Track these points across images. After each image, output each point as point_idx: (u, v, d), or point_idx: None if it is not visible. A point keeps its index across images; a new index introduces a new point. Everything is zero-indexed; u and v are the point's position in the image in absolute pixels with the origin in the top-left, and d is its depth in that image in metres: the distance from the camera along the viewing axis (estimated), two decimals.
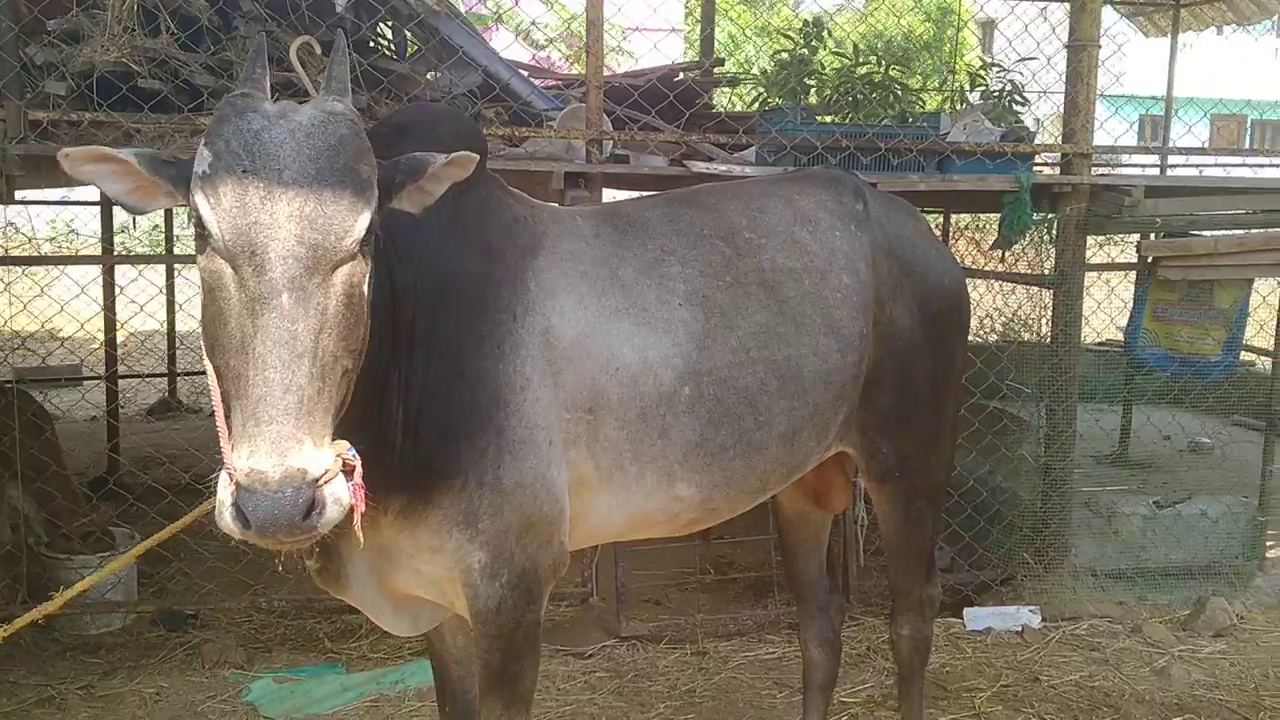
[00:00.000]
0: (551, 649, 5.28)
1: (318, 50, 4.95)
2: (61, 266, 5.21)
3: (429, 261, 2.55)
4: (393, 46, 6.07)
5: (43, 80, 4.69)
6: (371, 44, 5.12)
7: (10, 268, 5.14)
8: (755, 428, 2.93)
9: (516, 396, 2.61)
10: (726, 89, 9.06)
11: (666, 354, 2.81)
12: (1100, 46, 5.49)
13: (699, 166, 5.25)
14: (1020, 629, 5.54)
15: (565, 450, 2.70)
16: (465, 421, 2.55)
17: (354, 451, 1.99)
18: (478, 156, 2.27)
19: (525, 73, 7.05)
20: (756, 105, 7.13)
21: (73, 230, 8.08)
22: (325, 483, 1.87)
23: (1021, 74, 6.42)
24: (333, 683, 4.86)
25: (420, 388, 2.51)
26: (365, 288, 2.04)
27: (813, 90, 6.32)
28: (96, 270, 6.01)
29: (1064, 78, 5.57)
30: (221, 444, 1.96)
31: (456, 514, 2.56)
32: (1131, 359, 6.09)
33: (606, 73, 7.86)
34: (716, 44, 9.18)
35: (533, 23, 12.27)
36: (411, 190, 2.22)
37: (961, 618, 5.65)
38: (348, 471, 1.97)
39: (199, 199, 1.95)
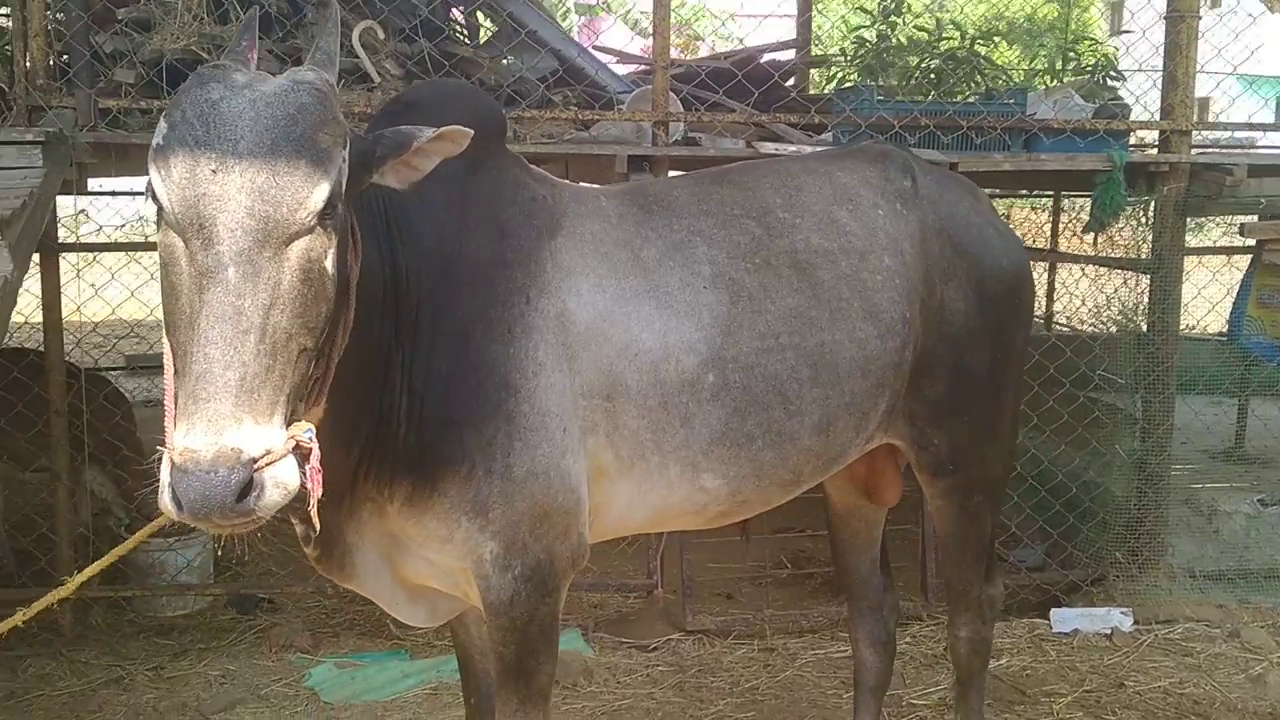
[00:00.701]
0: (615, 641, 5.20)
1: (381, 35, 4.95)
2: (132, 253, 5.29)
3: (435, 242, 2.47)
4: (465, 31, 6.03)
5: (112, 69, 4.75)
6: (442, 28, 5.07)
7: (83, 254, 5.21)
8: (785, 417, 2.78)
9: (528, 382, 2.50)
10: (822, 70, 8.85)
11: (689, 339, 2.68)
12: (1200, 18, 5.17)
13: (768, 148, 5.09)
14: (1109, 632, 5.26)
15: (583, 439, 2.60)
16: (471, 407, 2.46)
17: (310, 434, 1.91)
18: (470, 131, 2.16)
19: (609, 57, 6.96)
20: (836, 85, 6.91)
21: (142, 218, 8.25)
22: (266, 464, 1.78)
23: (1118, 49, 6.09)
24: (394, 669, 4.84)
25: (424, 372, 2.43)
26: (328, 263, 1.95)
27: (894, 69, 6.09)
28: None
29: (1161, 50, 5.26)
30: (166, 423, 1.91)
31: (464, 502, 2.47)
32: (1236, 349, 5.74)
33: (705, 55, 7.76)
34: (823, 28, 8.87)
35: (642, 12, 12.25)
36: (395, 165, 2.13)
37: (1048, 619, 5.40)
38: (303, 455, 1.89)
39: (151, 170, 1.89)
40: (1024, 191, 7.75)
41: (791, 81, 7.51)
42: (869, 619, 3.59)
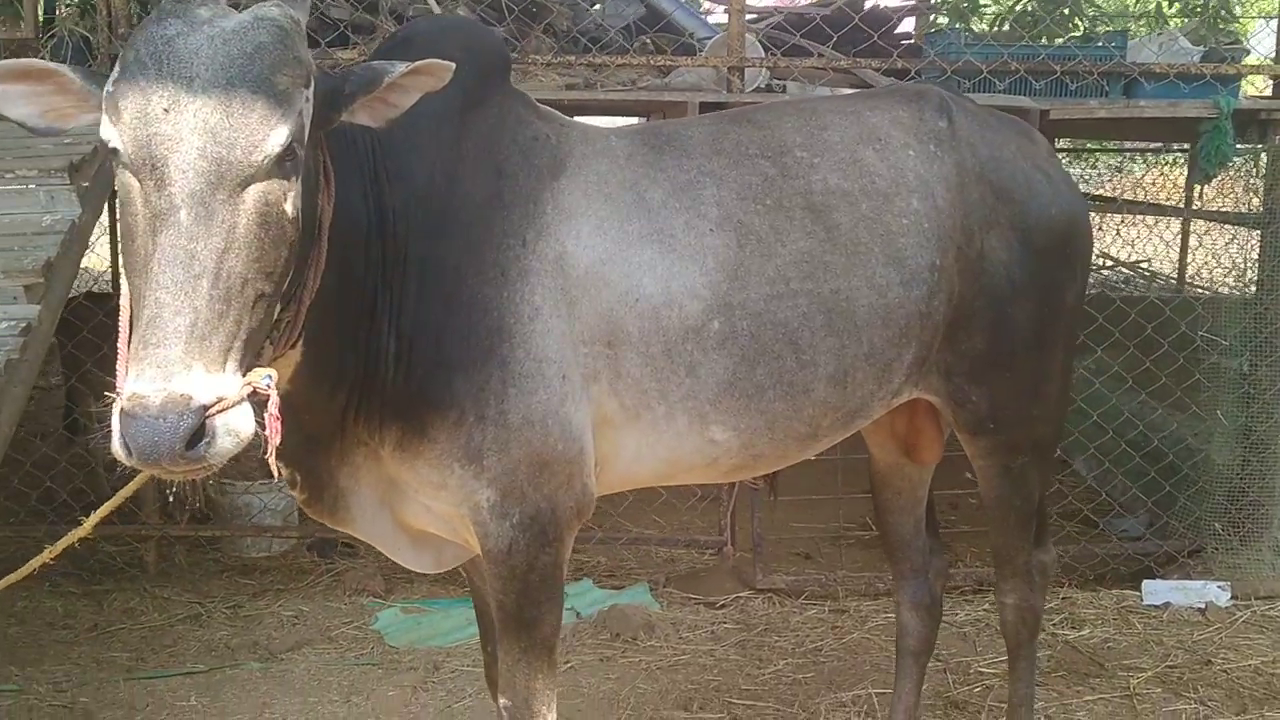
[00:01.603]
0: (683, 597, 5.15)
1: None
2: None
3: (425, 180, 2.40)
4: None
5: None
6: None
7: None
8: (798, 367, 2.65)
9: (524, 327, 2.44)
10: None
11: (692, 284, 2.57)
12: None
13: (845, 94, 4.89)
14: (1203, 606, 5.00)
15: (585, 386, 2.52)
16: (462, 352, 2.40)
17: (269, 380, 1.87)
18: (450, 65, 2.08)
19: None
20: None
21: None
22: (219, 411, 1.75)
23: None
24: (458, 615, 4.87)
25: (413, 315, 2.38)
26: (287, 207, 1.90)
27: (984, 10, 5.81)
28: None
29: None
30: (118, 366, 1.89)
31: (456, 449, 2.43)
32: None
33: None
34: None
35: None
36: (367, 102, 2.06)
37: (1139, 590, 5.16)
38: (260, 402, 1.86)
39: (105, 110, 1.86)
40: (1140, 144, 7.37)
41: (909, 28, 7.24)
42: (912, 582, 3.45)
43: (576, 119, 2.84)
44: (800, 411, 2.69)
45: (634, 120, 6.74)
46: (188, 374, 1.73)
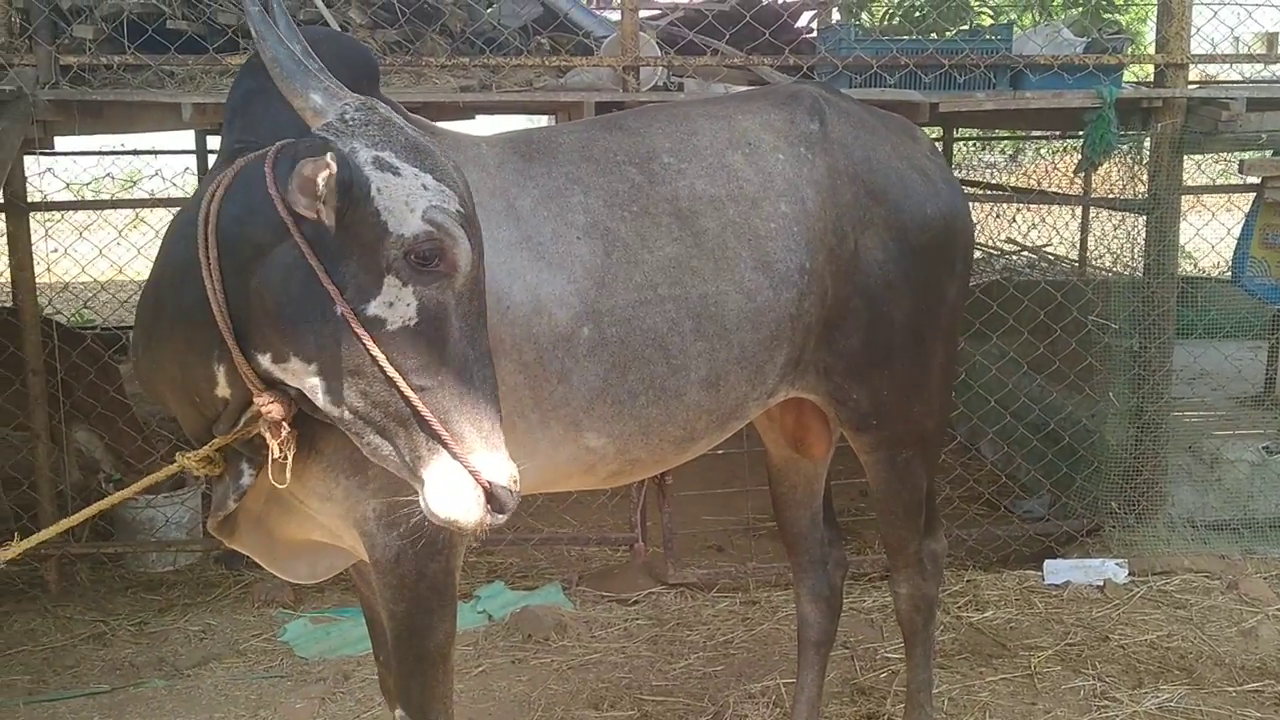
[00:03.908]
0: (596, 595, 5.16)
1: None
2: (99, 211, 5.29)
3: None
4: None
5: (72, 25, 4.72)
6: None
7: (50, 214, 5.22)
8: (669, 372, 2.68)
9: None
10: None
11: (561, 292, 2.58)
12: None
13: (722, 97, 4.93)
14: (1102, 584, 5.13)
15: None
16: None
17: None
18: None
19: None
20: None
21: (107, 175, 8.31)
22: None
23: None
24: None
25: None
26: None
27: (879, 7, 5.89)
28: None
29: None
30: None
31: (341, 460, 2.41)
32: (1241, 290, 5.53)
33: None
34: None
35: None
36: None
37: (1041, 570, 5.28)
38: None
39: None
40: (1039, 132, 7.53)
41: (810, 22, 7.30)
42: (811, 574, 3.49)
43: (456, 125, 2.83)
44: (674, 416, 2.72)
45: (536, 120, 6.74)
46: None
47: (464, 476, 2.01)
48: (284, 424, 2.20)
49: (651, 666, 4.48)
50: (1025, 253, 8.74)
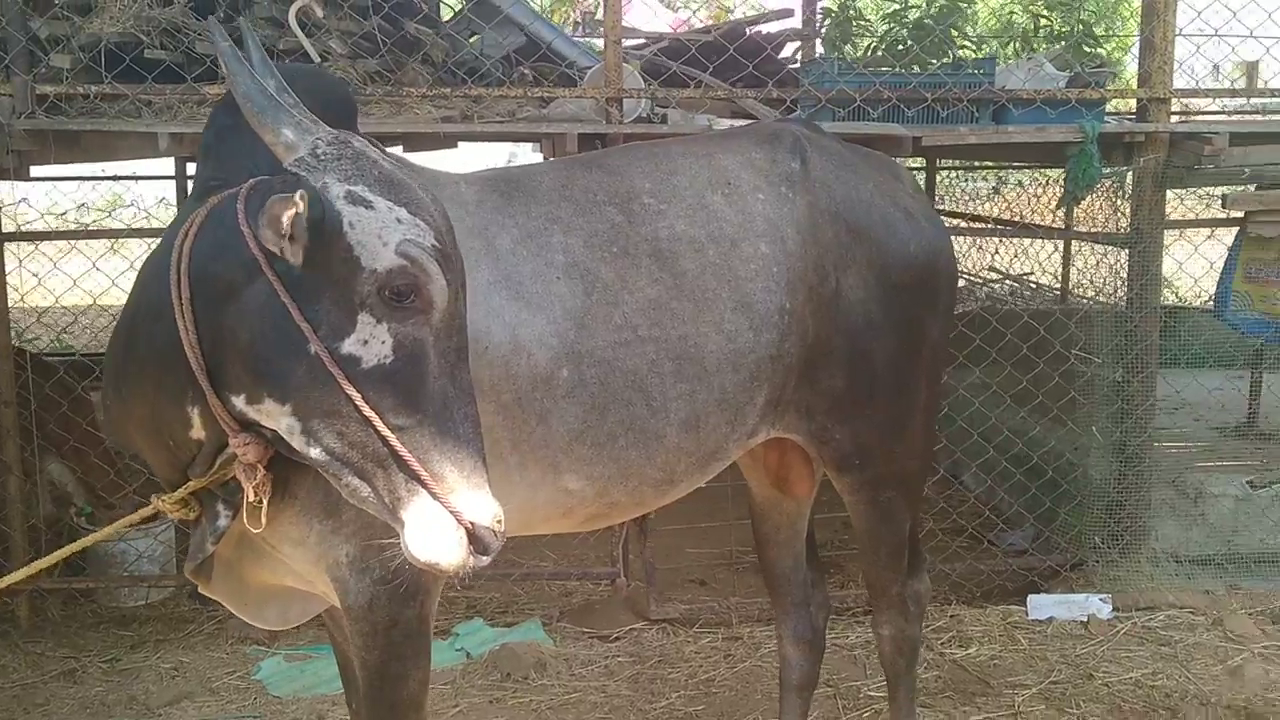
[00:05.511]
0: (577, 631, 5.10)
1: (319, 13, 4.83)
2: (72, 242, 5.23)
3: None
4: (424, 6, 5.90)
5: (49, 54, 4.67)
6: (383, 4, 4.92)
7: (20, 244, 5.15)
8: (649, 414, 2.64)
9: None
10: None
11: (540, 333, 2.55)
12: None
13: (723, 124, 4.92)
14: (1086, 619, 5.09)
15: None
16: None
17: None
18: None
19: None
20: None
21: (83, 204, 8.22)
22: None
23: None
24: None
25: None
26: None
27: (862, 40, 5.89)
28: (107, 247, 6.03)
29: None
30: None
31: (314, 504, 2.37)
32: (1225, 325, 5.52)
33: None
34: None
35: None
36: None
37: (1025, 605, 5.24)
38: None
39: None
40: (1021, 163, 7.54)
41: (794, 53, 7.28)
42: (793, 615, 3.45)
43: (439, 153, 2.81)
44: (653, 458, 2.68)
45: (520, 148, 6.69)
46: None
47: (445, 517, 1.97)
48: (259, 466, 2.15)
49: (632, 706, 4.42)
50: (1008, 281, 8.78)
